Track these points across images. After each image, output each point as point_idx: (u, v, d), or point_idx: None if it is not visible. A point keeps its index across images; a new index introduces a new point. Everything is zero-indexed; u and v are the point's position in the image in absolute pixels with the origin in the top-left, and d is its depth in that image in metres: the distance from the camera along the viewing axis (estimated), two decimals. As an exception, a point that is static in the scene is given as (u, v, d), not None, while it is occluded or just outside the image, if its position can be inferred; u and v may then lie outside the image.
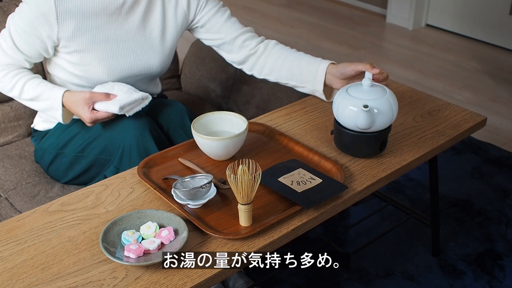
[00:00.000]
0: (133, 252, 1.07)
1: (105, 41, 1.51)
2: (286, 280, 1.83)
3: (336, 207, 1.27)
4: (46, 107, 1.53)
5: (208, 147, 1.37)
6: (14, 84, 1.52)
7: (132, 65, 1.57)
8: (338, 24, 4.25)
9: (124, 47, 1.54)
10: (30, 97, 1.53)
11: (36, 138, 1.70)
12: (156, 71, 1.63)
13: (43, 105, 1.53)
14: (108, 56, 1.52)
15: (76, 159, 1.57)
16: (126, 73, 1.57)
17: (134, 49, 1.56)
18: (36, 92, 1.52)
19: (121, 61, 1.55)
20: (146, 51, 1.58)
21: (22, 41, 1.50)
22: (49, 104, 1.52)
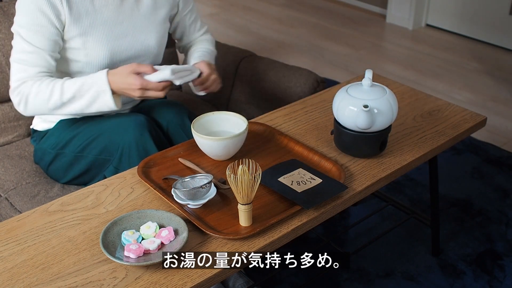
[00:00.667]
0: (133, 252, 1.07)
1: (104, 23, 1.53)
2: (286, 280, 1.83)
3: (336, 207, 1.27)
4: (93, 95, 1.46)
5: (208, 147, 1.37)
6: (52, 88, 1.47)
7: (131, 46, 1.59)
8: (338, 24, 4.25)
9: (122, 29, 1.56)
10: (73, 93, 1.46)
11: (36, 139, 1.70)
12: (154, 51, 1.66)
13: (88, 96, 1.46)
14: (108, 38, 1.54)
15: (76, 159, 1.57)
16: (126, 54, 1.59)
17: (131, 30, 1.58)
18: (77, 85, 1.46)
19: (120, 43, 1.56)
20: (143, 31, 1.60)
21: (36, 36, 1.46)
22: (95, 90, 1.46)
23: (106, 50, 1.53)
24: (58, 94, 1.47)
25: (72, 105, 1.48)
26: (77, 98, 1.47)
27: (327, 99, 1.71)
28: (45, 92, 1.47)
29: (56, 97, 1.47)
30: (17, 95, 1.49)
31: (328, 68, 3.52)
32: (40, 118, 1.70)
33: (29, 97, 1.48)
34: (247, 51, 2.19)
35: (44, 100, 1.48)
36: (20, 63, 1.48)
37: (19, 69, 1.48)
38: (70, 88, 1.47)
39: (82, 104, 1.48)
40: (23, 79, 1.48)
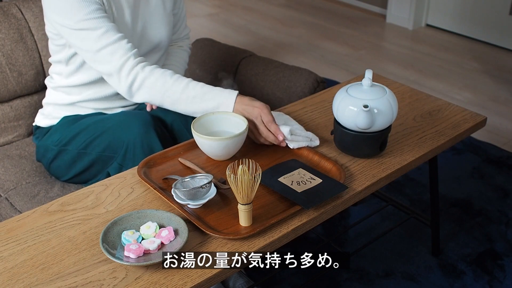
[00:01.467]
0: (133, 252, 1.07)
1: (124, 25, 1.55)
2: (286, 280, 1.83)
3: (336, 207, 1.27)
4: (215, 105, 1.45)
5: (208, 147, 1.37)
6: (176, 79, 1.45)
7: (146, 43, 1.62)
8: (338, 24, 4.25)
9: (138, 28, 1.59)
10: (195, 94, 1.44)
11: (38, 136, 1.70)
12: (165, 44, 1.69)
13: (210, 104, 1.45)
14: (127, 36, 1.55)
15: (79, 156, 1.57)
16: (141, 51, 1.61)
17: (144, 27, 1.61)
18: (204, 89, 1.45)
19: (137, 42, 1.59)
20: (154, 26, 1.63)
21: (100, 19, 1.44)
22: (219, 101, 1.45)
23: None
24: (181, 88, 1.44)
25: (188, 104, 1.46)
26: (197, 100, 1.45)
27: (327, 99, 1.71)
28: (168, 81, 1.44)
29: (177, 89, 1.44)
30: (133, 75, 1.45)
31: (328, 68, 3.52)
32: (43, 115, 1.70)
33: (145, 81, 1.45)
34: (247, 51, 2.19)
35: (163, 88, 1.44)
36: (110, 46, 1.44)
37: (111, 51, 1.44)
38: (196, 88, 1.45)
39: (198, 108, 1.45)
40: (126, 55, 1.44)
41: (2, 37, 1.80)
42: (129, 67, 1.45)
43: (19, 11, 1.85)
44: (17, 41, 1.81)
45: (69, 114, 1.64)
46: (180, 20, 1.82)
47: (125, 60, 1.44)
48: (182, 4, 1.79)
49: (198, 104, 1.45)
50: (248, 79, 2.07)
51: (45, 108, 1.71)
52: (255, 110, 1.42)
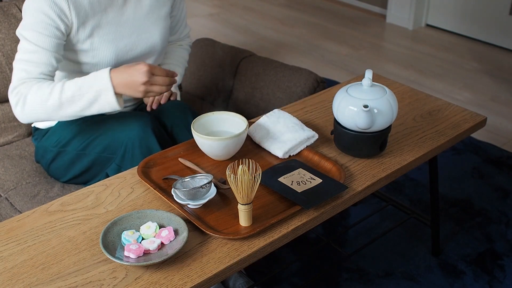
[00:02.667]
0: (133, 252, 1.07)
1: (109, 24, 1.53)
2: (286, 280, 1.83)
3: (336, 207, 1.27)
4: (94, 94, 1.40)
5: (208, 147, 1.37)
6: (52, 88, 1.41)
7: (136, 45, 1.59)
8: (338, 24, 4.25)
9: (126, 28, 1.57)
10: (72, 92, 1.40)
11: (37, 137, 1.70)
12: (159, 48, 1.67)
13: (89, 95, 1.40)
14: (113, 38, 1.54)
15: (78, 157, 1.57)
16: (132, 54, 1.59)
17: (135, 29, 1.58)
18: (77, 84, 1.40)
19: (126, 42, 1.57)
20: (147, 29, 1.61)
21: (40, 36, 1.42)
22: (96, 89, 1.40)
23: (112, 51, 1.53)
24: (58, 93, 1.40)
25: (72, 105, 1.41)
26: (76, 97, 1.40)
27: (327, 99, 1.71)
28: (45, 91, 1.41)
29: (55, 96, 1.40)
30: (16, 95, 1.43)
31: (328, 68, 3.52)
32: None
33: (27, 97, 1.41)
34: (247, 51, 2.19)
35: (42, 100, 1.41)
36: (21, 63, 1.44)
37: (20, 69, 1.44)
38: (70, 87, 1.41)
39: (82, 104, 1.41)
40: (23, 79, 1.43)
41: (2, 37, 1.80)
42: (16, 86, 1.44)
43: (19, 11, 1.85)
44: (17, 41, 1.81)
45: None
46: (180, 22, 1.81)
47: (19, 84, 1.43)
48: (183, 5, 1.78)
49: (79, 102, 1.41)
50: (248, 79, 2.07)
51: None
52: (135, 66, 1.40)
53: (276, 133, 1.45)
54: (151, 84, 1.41)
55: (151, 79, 1.40)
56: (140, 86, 1.40)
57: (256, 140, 1.46)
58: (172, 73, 1.45)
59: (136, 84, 1.40)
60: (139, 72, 1.39)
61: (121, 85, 1.40)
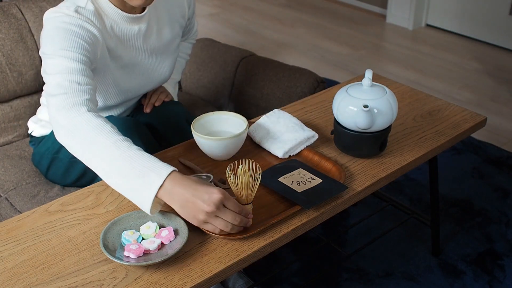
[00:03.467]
0: (133, 252, 1.07)
1: (124, 67, 1.51)
2: (286, 280, 1.83)
3: (336, 207, 1.27)
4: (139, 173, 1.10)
5: (208, 147, 1.37)
6: (111, 128, 1.17)
7: (145, 84, 1.60)
8: (338, 24, 4.25)
9: (139, 69, 1.55)
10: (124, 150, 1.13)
11: (34, 143, 1.70)
12: (166, 79, 1.67)
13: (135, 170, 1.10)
14: (126, 80, 1.53)
15: (71, 164, 1.57)
16: (142, 90, 1.61)
17: (147, 69, 1.57)
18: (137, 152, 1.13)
19: (138, 82, 1.57)
20: (158, 67, 1.60)
21: (79, 54, 1.29)
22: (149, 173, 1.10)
23: (121, 91, 1.53)
24: (105, 134, 1.15)
25: (107, 155, 1.13)
26: (121, 156, 1.12)
27: (327, 99, 1.71)
28: (101, 122, 1.18)
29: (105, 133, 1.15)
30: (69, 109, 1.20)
31: (328, 68, 3.52)
32: (36, 124, 1.68)
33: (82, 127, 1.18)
34: (247, 51, 2.19)
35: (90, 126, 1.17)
36: (67, 75, 1.24)
37: (69, 80, 1.24)
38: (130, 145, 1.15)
39: (118, 164, 1.12)
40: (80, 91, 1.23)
41: (2, 37, 1.80)
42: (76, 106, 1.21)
43: (19, 11, 1.85)
44: (17, 41, 1.81)
45: None
46: (191, 32, 1.81)
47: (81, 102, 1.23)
48: (193, 20, 1.77)
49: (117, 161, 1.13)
50: (248, 79, 2.07)
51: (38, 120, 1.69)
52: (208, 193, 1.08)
53: (276, 133, 1.45)
54: (216, 217, 1.09)
55: (219, 211, 1.09)
56: (201, 213, 1.08)
57: (256, 140, 1.46)
58: (247, 213, 1.13)
59: (197, 208, 1.08)
60: (209, 199, 1.07)
61: (176, 198, 1.10)
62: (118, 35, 1.46)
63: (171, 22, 1.60)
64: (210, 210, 1.07)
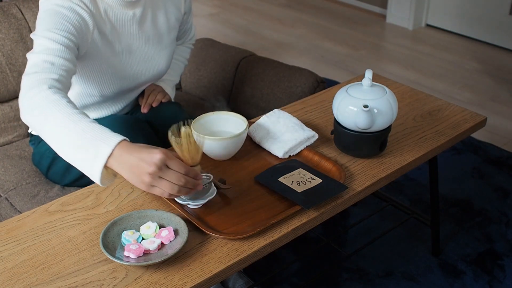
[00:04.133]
0: (133, 252, 1.07)
1: (120, 53, 1.51)
2: (286, 280, 1.83)
3: (336, 207, 1.27)
4: (88, 143, 1.09)
5: (208, 147, 1.37)
6: (69, 101, 1.18)
7: (142, 73, 1.59)
8: (338, 24, 4.25)
9: (135, 57, 1.55)
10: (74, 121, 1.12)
11: (34, 142, 1.69)
12: (163, 73, 1.67)
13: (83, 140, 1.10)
14: (122, 68, 1.52)
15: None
16: (138, 81, 1.59)
17: (143, 58, 1.57)
18: (86, 122, 1.13)
19: (135, 71, 1.56)
20: (154, 57, 1.60)
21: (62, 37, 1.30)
22: (96, 142, 1.09)
23: (118, 79, 1.53)
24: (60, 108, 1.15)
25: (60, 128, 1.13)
26: (70, 126, 1.12)
27: (327, 99, 1.71)
28: (59, 98, 1.17)
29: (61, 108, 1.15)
30: (36, 81, 1.21)
31: (328, 68, 3.52)
32: None
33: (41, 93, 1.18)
34: (247, 51, 2.19)
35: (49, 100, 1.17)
36: (43, 55, 1.27)
37: (43, 60, 1.26)
38: (80, 117, 1.14)
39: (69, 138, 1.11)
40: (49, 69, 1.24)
41: (2, 37, 1.80)
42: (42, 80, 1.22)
43: (19, 11, 1.85)
44: (17, 41, 1.81)
45: None
46: (186, 32, 1.80)
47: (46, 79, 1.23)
48: (190, 17, 1.76)
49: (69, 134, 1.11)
50: (248, 79, 2.07)
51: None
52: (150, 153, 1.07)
53: (276, 133, 1.45)
54: (160, 178, 1.07)
55: (162, 171, 1.06)
56: (145, 175, 1.06)
57: (256, 140, 1.46)
58: (196, 174, 1.12)
59: (141, 171, 1.06)
60: (150, 159, 1.06)
61: (124, 165, 1.08)
62: (112, 20, 1.46)
63: (167, 12, 1.60)
64: (151, 171, 1.05)
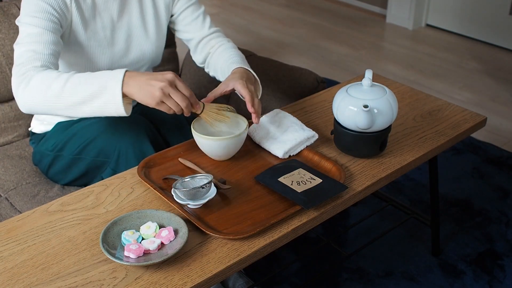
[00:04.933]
0: (133, 252, 1.07)
1: (104, 28, 1.51)
2: (286, 280, 1.83)
3: (336, 207, 1.27)
4: (100, 85, 1.24)
5: (208, 147, 1.37)
6: (60, 74, 1.28)
7: (129, 51, 1.57)
8: (338, 24, 4.25)
9: (121, 34, 1.54)
10: (78, 80, 1.26)
11: (34, 141, 1.70)
12: (152, 56, 1.63)
13: (95, 86, 1.24)
14: (109, 43, 1.52)
15: (74, 161, 1.57)
16: (125, 61, 1.57)
17: (129, 35, 1.56)
18: (87, 74, 1.27)
19: (119, 48, 1.55)
20: (141, 37, 1.58)
21: (44, 20, 1.35)
22: (105, 79, 1.25)
23: (108, 55, 1.52)
24: (63, 80, 1.27)
25: (73, 95, 1.26)
26: (80, 87, 1.25)
27: (327, 99, 1.71)
28: (51, 75, 1.28)
29: (60, 82, 1.27)
30: (21, 75, 1.31)
31: (328, 68, 3.52)
32: (38, 120, 1.69)
33: (32, 79, 1.29)
34: (247, 51, 2.19)
35: (45, 85, 1.27)
36: (27, 45, 1.34)
37: (26, 50, 1.33)
38: (79, 76, 1.27)
39: (83, 95, 1.25)
40: (31, 60, 1.32)
41: (2, 37, 1.80)
42: (22, 67, 1.32)
43: (19, 11, 1.85)
44: (17, 41, 1.81)
45: (63, 120, 1.63)
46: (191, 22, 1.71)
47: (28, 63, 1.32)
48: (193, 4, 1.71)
49: (82, 92, 1.25)
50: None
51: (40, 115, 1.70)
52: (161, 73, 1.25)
53: (276, 133, 1.45)
54: (169, 96, 1.24)
55: (172, 88, 1.24)
56: (157, 90, 1.22)
57: (256, 140, 1.46)
58: (195, 100, 1.30)
59: (153, 87, 1.22)
60: (162, 76, 1.24)
61: (135, 84, 1.24)
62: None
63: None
64: (163, 86, 1.22)
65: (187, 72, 2.23)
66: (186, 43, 1.73)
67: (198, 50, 1.70)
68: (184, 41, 1.73)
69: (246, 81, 1.43)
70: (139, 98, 1.24)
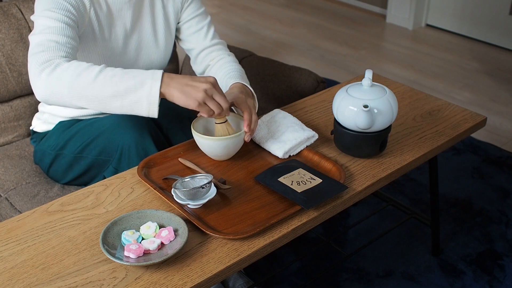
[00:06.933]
0: (133, 252, 1.07)
1: (116, 38, 1.51)
2: (286, 280, 1.83)
3: (336, 207, 1.27)
4: (139, 80, 1.24)
5: (208, 147, 1.37)
6: (91, 64, 1.27)
7: (135, 62, 1.58)
8: (338, 24, 4.25)
9: (131, 44, 1.55)
10: (114, 72, 1.25)
11: (35, 140, 1.70)
12: (158, 65, 1.64)
13: (132, 81, 1.23)
14: (120, 53, 1.53)
15: (76, 160, 1.57)
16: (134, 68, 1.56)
17: (138, 46, 1.57)
18: (121, 70, 1.27)
19: (128, 58, 1.55)
20: (149, 47, 1.59)
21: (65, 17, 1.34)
22: (146, 75, 1.25)
23: (116, 65, 1.52)
24: (96, 72, 1.24)
25: (105, 86, 1.24)
26: (116, 78, 1.24)
27: (327, 99, 1.71)
28: (82, 64, 1.26)
29: (91, 73, 1.24)
30: (45, 62, 1.27)
31: (328, 68, 3.52)
32: (39, 120, 1.69)
33: (59, 66, 1.26)
34: (247, 51, 2.19)
35: (76, 72, 1.24)
36: (48, 35, 1.31)
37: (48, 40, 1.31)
38: (115, 69, 1.27)
39: (117, 88, 1.23)
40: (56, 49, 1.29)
41: (2, 37, 1.80)
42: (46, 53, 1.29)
43: (19, 11, 1.85)
44: (17, 41, 1.81)
45: (65, 119, 1.63)
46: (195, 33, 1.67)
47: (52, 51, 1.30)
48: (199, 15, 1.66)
49: (116, 85, 1.24)
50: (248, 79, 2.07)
51: (41, 114, 1.71)
52: (205, 76, 1.29)
53: (276, 133, 1.45)
54: (211, 97, 1.28)
55: (213, 91, 1.28)
56: (200, 92, 1.25)
57: (256, 140, 1.46)
58: (227, 104, 1.31)
59: (196, 89, 1.25)
60: (205, 79, 1.27)
61: (176, 84, 1.25)
62: (109, 2, 1.47)
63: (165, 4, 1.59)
64: (208, 87, 1.26)
65: (187, 72, 2.23)
66: (187, 52, 1.73)
67: (198, 61, 1.69)
68: (185, 50, 1.72)
69: (246, 96, 1.44)
70: (178, 99, 1.26)
